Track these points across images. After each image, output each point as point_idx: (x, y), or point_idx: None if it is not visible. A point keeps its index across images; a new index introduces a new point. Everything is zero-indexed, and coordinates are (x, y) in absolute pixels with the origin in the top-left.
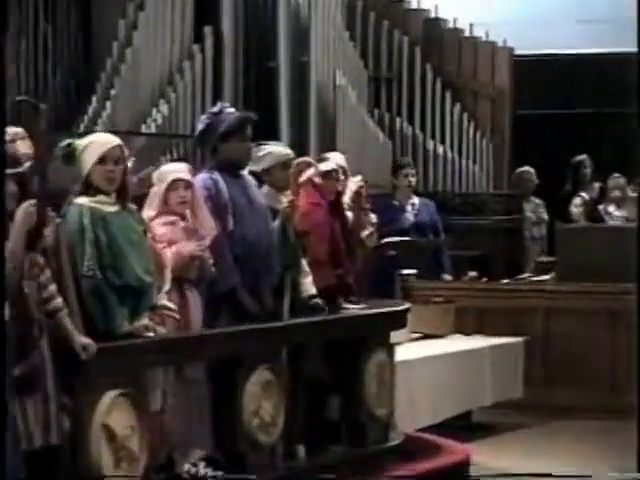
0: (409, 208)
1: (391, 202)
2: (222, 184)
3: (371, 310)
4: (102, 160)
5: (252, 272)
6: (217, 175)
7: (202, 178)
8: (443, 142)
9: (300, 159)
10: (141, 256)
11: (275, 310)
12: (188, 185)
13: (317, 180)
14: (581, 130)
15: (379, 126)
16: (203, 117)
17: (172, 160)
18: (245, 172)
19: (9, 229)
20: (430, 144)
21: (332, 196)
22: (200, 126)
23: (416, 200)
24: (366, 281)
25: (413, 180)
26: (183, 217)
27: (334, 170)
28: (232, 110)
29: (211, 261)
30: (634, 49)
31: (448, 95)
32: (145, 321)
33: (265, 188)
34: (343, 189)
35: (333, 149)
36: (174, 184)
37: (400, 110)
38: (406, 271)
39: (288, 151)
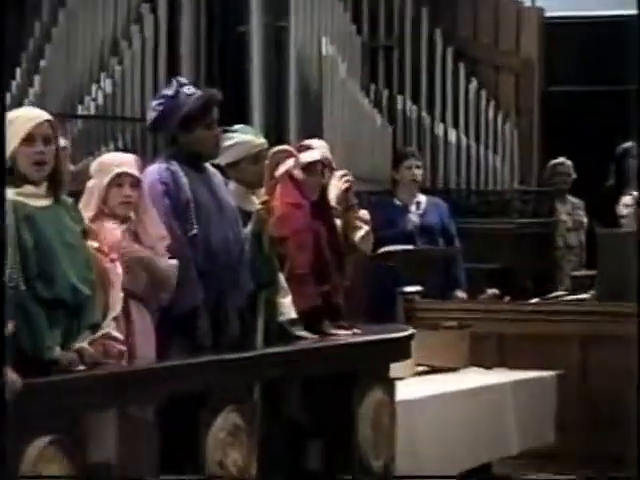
0: (413, 208)
1: (391, 201)
2: (182, 177)
3: (366, 337)
4: (28, 139)
5: (216, 290)
6: (176, 166)
7: (156, 170)
8: (456, 126)
9: (277, 148)
10: (78, 262)
11: (245, 337)
12: (135, 182)
13: (297, 174)
14: (627, 111)
15: (376, 107)
16: (154, 102)
17: (116, 149)
18: (208, 165)
19: None
20: (440, 129)
21: (316, 195)
22: (152, 114)
23: (422, 199)
24: (359, 300)
25: (418, 174)
26: (124, 221)
27: (319, 162)
28: (192, 90)
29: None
30: None
31: (462, 68)
32: (84, 344)
33: (232, 185)
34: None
35: (318, 136)
36: (117, 179)
37: (402, 86)
38: (410, 288)
39: (261, 140)
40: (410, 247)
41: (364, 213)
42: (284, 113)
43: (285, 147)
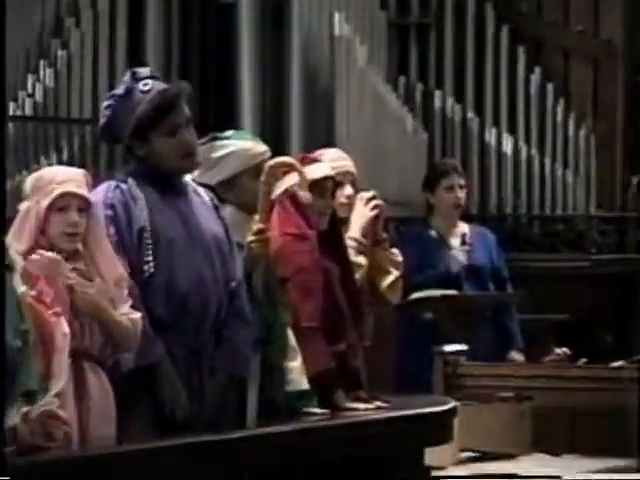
0: (455, 242)
1: (425, 232)
2: (137, 199)
3: (393, 412)
4: None
5: (187, 347)
6: (131, 184)
7: (102, 189)
8: (513, 132)
9: (274, 161)
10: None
11: (231, 412)
12: (84, 205)
13: (302, 195)
14: None
15: (406, 105)
16: (104, 103)
17: (60, 162)
18: (189, 183)
19: None
20: (491, 135)
21: (326, 222)
22: (101, 119)
23: (466, 229)
24: (385, 363)
25: (462, 196)
26: (69, 258)
27: (330, 179)
28: (150, 85)
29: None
30: None
31: (521, 53)
32: (16, 420)
33: (228, 210)
34: (347, 210)
35: (329, 144)
36: (60, 201)
37: (441, 78)
38: (451, 346)
39: (262, 147)
40: (452, 292)
41: (395, 253)
42: (284, 114)
43: (285, 159)
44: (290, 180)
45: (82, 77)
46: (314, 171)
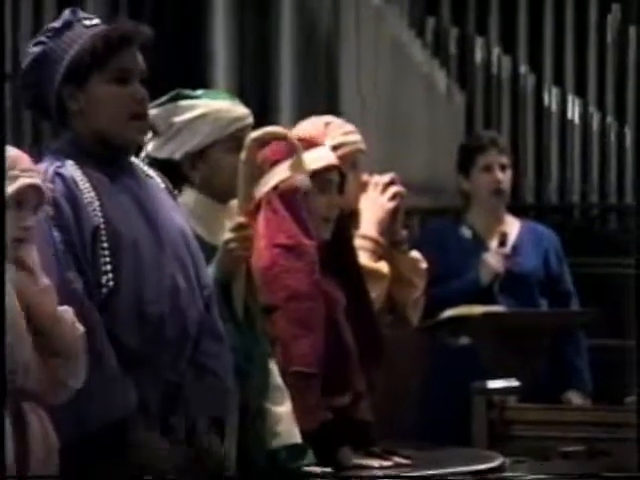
0: (496, 244)
1: (456, 230)
2: (85, 188)
3: (418, 471)
4: None
5: (164, 383)
6: (71, 167)
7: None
8: (581, 93)
9: (259, 132)
10: None
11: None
12: (40, 202)
13: (298, 182)
14: None
15: (437, 56)
16: (33, 41)
17: None
18: (135, 160)
19: None
20: (552, 97)
21: (330, 230)
22: (25, 59)
23: (516, 225)
24: (406, 404)
25: (503, 178)
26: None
27: (334, 167)
28: (95, 21)
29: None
30: None
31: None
32: None
33: (189, 195)
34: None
35: (331, 110)
36: (18, 195)
37: (483, 21)
38: (495, 382)
39: (242, 110)
40: (497, 309)
41: (418, 258)
42: (271, 68)
43: (275, 129)
44: (282, 171)
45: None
46: (313, 159)
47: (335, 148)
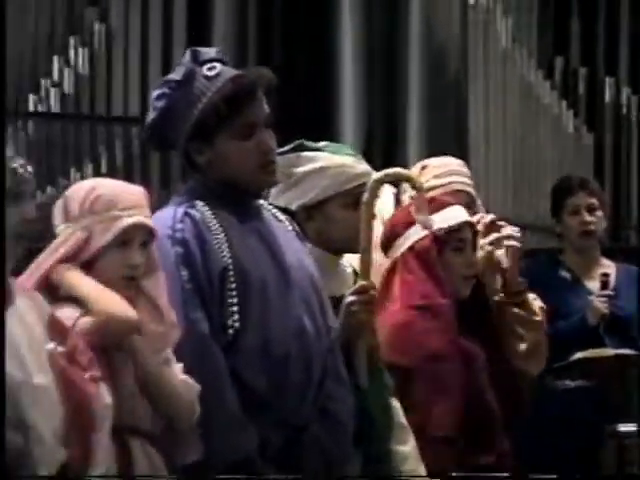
0: (594, 286)
1: (556, 271)
2: (215, 230)
3: None
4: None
5: (287, 427)
6: (203, 209)
7: (169, 217)
8: None
9: (383, 172)
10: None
11: None
12: (148, 238)
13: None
14: None
15: (565, 96)
16: (156, 91)
17: (96, 175)
18: (263, 202)
19: None
20: None
21: (468, 288)
22: (150, 114)
23: (611, 267)
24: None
25: (591, 219)
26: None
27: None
28: (218, 68)
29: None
30: None
31: None
32: None
33: (308, 248)
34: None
35: (459, 153)
36: (122, 235)
37: (613, 60)
38: (628, 425)
39: (363, 167)
40: (627, 352)
41: (537, 302)
42: (398, 115)
43: (398, 171)
44: (416, 232)
45: (126, 60)
46: (445, 218)
47: (428, 190)
